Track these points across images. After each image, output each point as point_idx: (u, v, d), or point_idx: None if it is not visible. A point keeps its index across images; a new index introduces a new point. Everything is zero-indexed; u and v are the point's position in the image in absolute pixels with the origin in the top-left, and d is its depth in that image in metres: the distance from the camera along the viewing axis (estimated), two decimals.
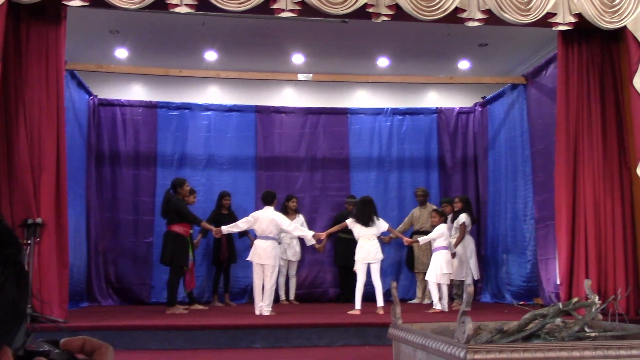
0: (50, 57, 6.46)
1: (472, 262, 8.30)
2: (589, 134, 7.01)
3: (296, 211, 9.41)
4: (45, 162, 6.30)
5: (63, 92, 6.62)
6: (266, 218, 7.43)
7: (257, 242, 7.47)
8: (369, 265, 7.50)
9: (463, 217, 8.28)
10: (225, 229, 7.63)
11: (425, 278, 8.18)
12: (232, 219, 8.54)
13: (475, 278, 8.33)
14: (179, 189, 7.99)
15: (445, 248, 7.83)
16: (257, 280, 7.36)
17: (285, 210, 9.03)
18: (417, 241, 8.26)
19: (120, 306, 9.08)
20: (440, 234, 7.85)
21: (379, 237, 7.86)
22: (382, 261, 7.72)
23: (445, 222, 8.15)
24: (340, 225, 7.99)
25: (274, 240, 7.46)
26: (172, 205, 7.83)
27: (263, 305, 7.23)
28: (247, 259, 7.63)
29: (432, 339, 2.77)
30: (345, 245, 8.94)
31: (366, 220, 7.57)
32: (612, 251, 6.84)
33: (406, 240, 8.33)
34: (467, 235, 8.34)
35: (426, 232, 8.51)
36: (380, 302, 7.42)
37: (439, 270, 7.70)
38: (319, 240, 8.21)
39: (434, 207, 9.06)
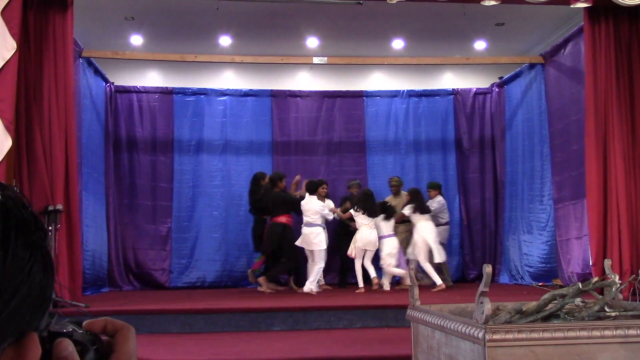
0: (57, 44, 6.48)
1: (435, 247, 8.35)
2: (618, 113, 6.85)
3: (325, 197, 9.39)
4: (55, 149, 6.38)
5: (72, 79, 6.66)
6: (312, 207, 8.19)
7: (304, 229, 8.17)
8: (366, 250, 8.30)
9: (406, 209, 8.60)
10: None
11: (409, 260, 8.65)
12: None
13: (436, 261, 8.37)
14: (278, 182, 8.46)
15: (392, 235, 8.42)
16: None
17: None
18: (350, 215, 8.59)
19: (140, 291, 9.18)
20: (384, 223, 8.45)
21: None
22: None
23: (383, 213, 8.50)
24: (346, 215, 8.68)
25: (318, 226, 8.20)
26: (277, 198, 8.29)
27: (307, 283, 8.01)
28: (295, 243, 8.23)
29: (450, 320, 2.77)
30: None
31: (372, 212, 8.29)
32: None
33: (341, 215, 8.76)
34: (419, 222, 8.46)
35: (401, 222, 8.86)
36: (373, 274, 8.21)
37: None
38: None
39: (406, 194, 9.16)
